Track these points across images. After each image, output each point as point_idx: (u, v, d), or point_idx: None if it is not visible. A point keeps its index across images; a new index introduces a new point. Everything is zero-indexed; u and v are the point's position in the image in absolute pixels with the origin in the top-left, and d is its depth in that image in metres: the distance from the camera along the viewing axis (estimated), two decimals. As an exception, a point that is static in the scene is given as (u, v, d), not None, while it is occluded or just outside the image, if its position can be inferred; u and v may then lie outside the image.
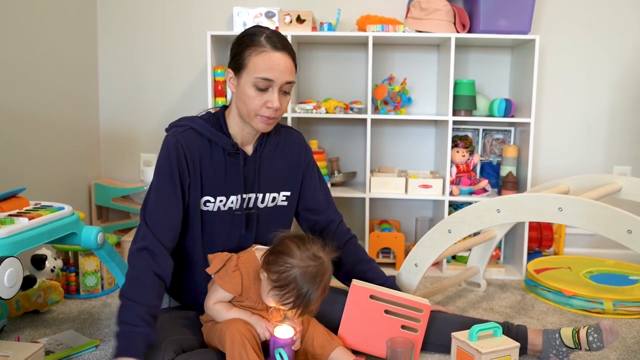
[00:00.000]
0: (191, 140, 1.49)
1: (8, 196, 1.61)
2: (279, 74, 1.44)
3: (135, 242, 1.45)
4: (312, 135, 2.75)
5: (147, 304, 1.36)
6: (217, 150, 1.52)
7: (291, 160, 1.65)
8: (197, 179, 1.50)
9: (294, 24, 2.44)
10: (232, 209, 1.55)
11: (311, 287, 1.35)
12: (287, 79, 1.46)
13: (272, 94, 1.45)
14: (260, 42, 1.44)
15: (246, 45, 1.45)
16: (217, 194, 1.53)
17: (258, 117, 1.47)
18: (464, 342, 1.45)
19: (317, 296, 1.37)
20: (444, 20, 2.41)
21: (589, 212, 1.52)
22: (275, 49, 1.44)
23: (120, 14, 2.74)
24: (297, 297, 1.35)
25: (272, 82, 1.44)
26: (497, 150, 2.70)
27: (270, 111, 1.46)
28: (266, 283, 1.40)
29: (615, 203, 1.65)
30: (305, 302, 1.36)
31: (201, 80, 2.75)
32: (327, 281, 1.40)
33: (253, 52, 1.44)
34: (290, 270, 1.35)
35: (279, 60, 1.44)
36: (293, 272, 1.35)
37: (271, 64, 1.43)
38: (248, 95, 1.45)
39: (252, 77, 1.43)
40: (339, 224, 1.74)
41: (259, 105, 1.45)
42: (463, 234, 1.73)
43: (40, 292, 1.89)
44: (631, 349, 1.71)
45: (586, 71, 2.68)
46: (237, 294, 1.44)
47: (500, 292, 2.25)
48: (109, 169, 2.85)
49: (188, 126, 1.51)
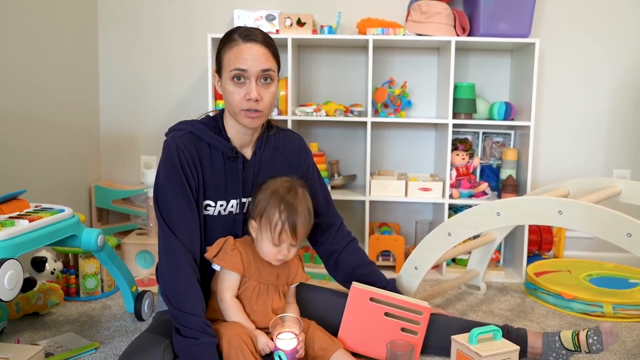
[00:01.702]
0: (191, 144, 1.49)
1: (8, 198, 1.61)
2: (251, 63, 1.42)
3: (165, 252, 1.43)
4: (312, 138, 2.75)
5: (203, 313, 1.39)
6: (217, 154, 1.52)
7: (291, 163, 1.64)
8: (199, 183, 1.50)
9: (294, 27, 2.45)
10: (233, 212, 1.55)
11: (288, 195, 1.45)
12: (262, 67, 1.43)
13: (249, 84, 1.44)
14: (232, 38, 1.45)
15: (222, 44, 1.48)
16: (217, 198, 1.53)
17: (242, 112, 1.46)
18: (464, 345, 1.45)
19: (301, 205, 1.46)
20: (444, 23, 2.42)
21: (588, 216, 1.52)
22: (245, 40, 1.44)
23: (121, 17, 2.75)
24: (280, 208, 1.43)
25: (246, 72, 1.43)
26: (497, 154, 2.71)
27: (250, 103, 1.44)
28: (257, 233, 1.48)
29: (615, 206, 1.65)
30: (290, 210, 1.43)
31: (202, 82, 2.75)
32: (303, 197, 1.49)
33: (227, 49, 1.45)
34: (264, 193, 1.47)
35: (249, 50, 1.43)
36: (266, 193, 1.47)
37: (242, 54, 1.43)
38: (229, 91, 1.45)
39: (228, 72, 1.44)
40: (340, 227, 1.74)
41: (240, 99, 1.44)
42: (463, 237, 1.74)
43: (40, 295, 1.89)
44: (631, 353, 1.71)
45: (586, 74, 2.68)
46: (240, 271, 1.46)
47: (500, 295, 2.25)
48: (109, 171, 2.85)
49: (187, 130, 1.51)
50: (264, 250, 1.47)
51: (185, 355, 1.34)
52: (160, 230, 1.45)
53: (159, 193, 1.47)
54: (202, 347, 1.33)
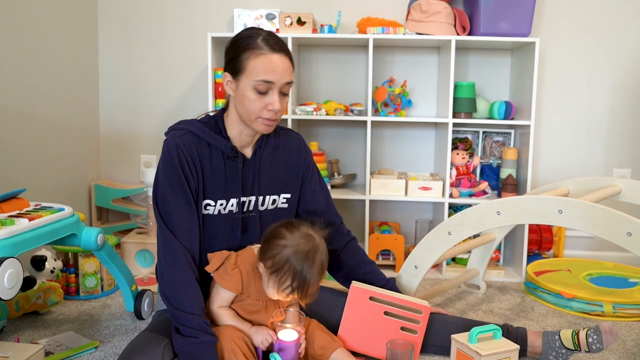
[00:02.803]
0: (190, 144, 1.48)
1: (8, 197, 1.61)
2: (279, 76, 1.43)
3: (164, 253, 1.43)
4: (312, 137, 2.75)
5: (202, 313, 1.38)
6: (217, 154, 1.52)
7: (291, 162, 1.64)
8: (199, 182, 1.50)
9: (294, 26, 2.44)
10: (233, 212, 1.55)
11: (305, 264, 1.36)
12: (287, 80, 1.46)
13: (272, 96, 1.45)
14: (257, 45, 1.43)
15: (243, 48, 1.45)
16: (217, 197, 1.52)
17: (259, 119, 1.47)
18: (464, 344, 1.45)
19: (314, 275, 1.37)
20: (445, 22, 2.41)
21: (588, 215, 1.52)
22: (273, 51, 1.43)
23: (120, 16, 2.74)
24: (294, 277, 1.35)
25: (273, 84, 1.44)
26: (497, 153, 2.71)
27: (271, 113, 1.46)
28: (265, 274, 1.41)
29: (615, 205, 1.65)
30: (303, 282, 1.36)
31: (201, 81, 2.75)
32: (321, 258, 1.40)
33: (251, 55, 1.43)
34: (282, 252, 1.37)
35: (278, 62, 1.43)
36: (285, 253, 1.36)
37: (271, 66, 1.42)
38: (248, 98, 1.45)
39: (251, 80, 1.43)
40: (339, 226, 1.74)
41: (260, 107, 1.45)
42: (463, 236, 1.74)
43: (40, 293, 1.89)
44: (630, 352, 1.71)
45: (586, 74, 2.68)
46: (238, 292, 1.45)
47: (499, 294, 2.25)
48: (109, 170, 2.85)
49: (187, 129, 1.51)
50: (268, 291, 1.43)
51: (185, 354, 1.33)
52: (159, 230, 1.46)
53: (158, 193, 1.47)
54: (202, 346, 1.33)
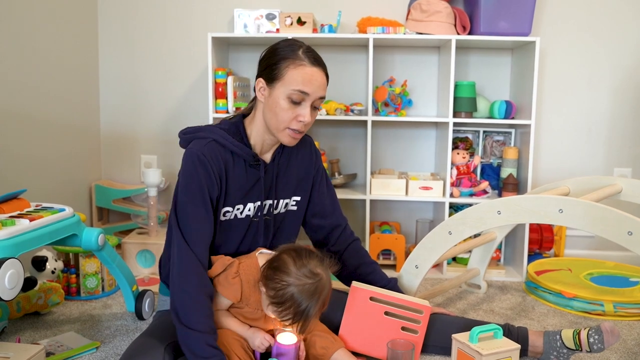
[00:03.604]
0: (215, 153, 1.47)
1: (9, 198, 1.61)
2: (315, 89, 1.44)
3: (179, 263, 1.40)
4: (313, 137, 2.72)
5: (210, 330, 1.35)
6: (239, 161, 1.51)
7: (303, 165, 1.65)
8: (222, 192, 1.49)
9: (294, 25, 2.44)
10: (250, 216, 1.55)
11: (309, 303, 1.34)
12: (321, 94, 1.47)
13: (304, 107, 1.45)
14: (298, 56, 1.44)
15: (283, 57, 1.45)
16: (236, 203, 1.52)
17: (287, 130, 1.47)
18: (465, 343, 1.45)
19: (316, 311, 1.36)
20: (445, 22, 2.41)
21: (589, 214, 1.52)
22: (313, 64, 1.45)
23: (121, 16, 2.74)
24: (296, 314, 1.34)
25: (307, 96, 1.44)
26: (498, 152, 2.71)
27: (300, 125, 1.46)
28: (265, 297, 1.40)
29: (616, 205, 1.65)
30: (304, 318, 1.35)
31: (202, 82, 2.75)
32: (325, 296, 1.38)
33: (291, 65, 1.43)
34: (286, 289, 1.34)
35: (316, 75, 1.45)
36: (290, 290, 1.34)
37: (309, 78, 1.43)
38: (281, 107, 1.45)
39: (288, 89, 1.43)
40: (344, 228, 1.74)
41: (290, 117, 1.45)
42: (463, 236, 1.74)
43: (41, 294, 1.89)
44: (632, 351, 1.71)
45: (587, 73, 2.68)
46: (237, 300, 1.44)
47: (500, 293, 2.25)
48: (109, 170, 2.85)
49: (211, 138, 1.49)
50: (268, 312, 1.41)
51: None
52: (175, 239, 1.43)
53: (178, 202, 1.45)
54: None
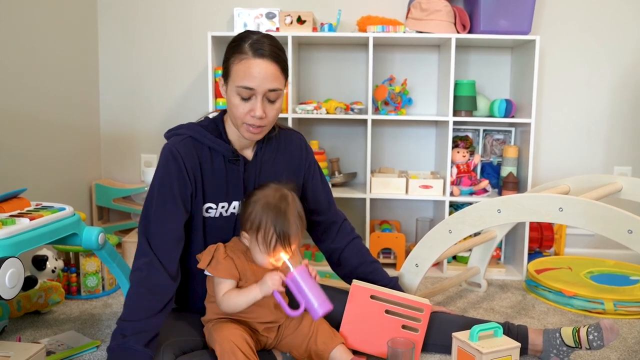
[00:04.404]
0: (190, 149, 1.47)
1: (9, 197, 1.61)
2: (259, 82, 1.40)
3: (135, 258, 1.44)
4: (312, 136, 2.75)
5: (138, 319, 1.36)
6: (218, 157, 1.51)
7: (292, 162, 1.64)
8: (198, 188, 1.49)
9: (294, 24, 2.44)
10: (235, 214, 1.55)
11: (279, 212, 1.40)
12: (270, 87, 1.41)
13: (254, 102, 1.41)
14: (242, 49, 1.41)
15: (231, 52, 1.44)
16: (219, 200, 1.52)
17: (244, 125, 1.45)
18: (465, 342, 1.46)
19: (292, 218, 1.41)
20: (445, 20, 2.41)
21: (589, 213, 1.52)
22: (255, 56, 1.39)
23: (120, 15, 2.74)
24: (274, 227, 1.38)
25: (253, 91, 1.40)
26: (498, 151, 2.71)
27: (254, 119, 1.43)
28: (250, 242, 1.44)
29: (616, 203, 1.65)
30: (284, 230, 1.39)
31: (202, 81, 2.75)
32: (294, 205, 1.44)
33: (235, 60, 1.41)
34: (255, 207, 1.42)
35: (258, 68, 1.39)
36: (257, 207, 1.42)
37: (250, 72, 1.39)
38: (233, 103, 1.43)
39: (234, 85, 1.42)
40: (342, 224, 1.74)
41: (243, 113, 1.43)
42: (464, 235, 1.74)
43: (41, 293, 1.89)
44: (632, 349, 1.71)
45: (587, 71, 2.68)
46: (235, 278, 1.44)
47: (500, 292, 2.25)
48: (109, 169, 2.85)
49: (187, 135, 1.49)
50: (259, 260, 1.45)
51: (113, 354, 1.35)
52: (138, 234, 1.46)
53: (148, 196, 1.48)
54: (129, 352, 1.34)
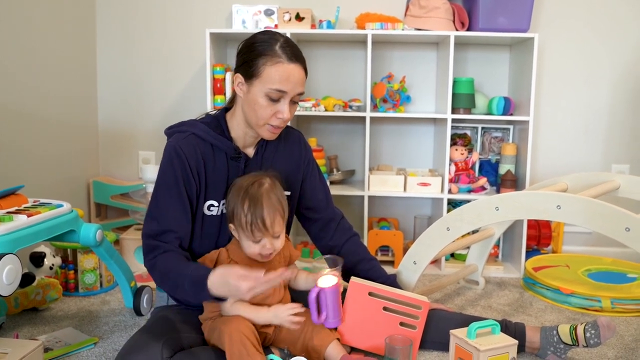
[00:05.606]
0: (194, 147, 1.48)
1: (7, 193, 1.61)
2: (293, 86, 1.44)
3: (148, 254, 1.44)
4: (310, 133, 2.75)
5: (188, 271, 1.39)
6: (220, 155, 1.52)
7: (291, 160, 1.65)
8: (201, 185, 1.50)
9: (293, 21, 2.44)
10: None
11: (250, 197, 1.40)
12: (299, 91, 1.47)
13: (283, 104, 1.45)
14: (275, 52, 1.43)
15: (259, 53, 1.43)
16: (220, 198, 1.53)
17: (266, 125, 1.48)
18: (463, 339, 1.46)
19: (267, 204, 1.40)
20: (443, 18, 2.41)
21: (587, 210, 1.52)
22: (290, 61, 1.43)
23: (118, 12, 2.73)
24: (249, 211, 1.39)
25: (285, 94, 1.44)
26: (496, 148, 2.71)
27: (279, 121, 1.47)
28: (237, 232, 1.46)
29: (614, 201, 1.65)
30: (256, 213, 1.39)
31: (200, 77, 2.74)
32: (270, 190, 1.44)
33: (268, 62, 1.42)
34: (231, 194, 1.45)
35: (294, 72, 1.44)
36: (232, 194, 1.44)
37: (287, 76, 1.42)
38: (259, 104, 1.45)
39: (265, 87, 1.43)
40: (340, 222, 1.74)
41: (269, 114, 1.45)
42: (462, 232, 1.74)
43: (39, 290, 1.89)
44: (629, 347, 1.72)
45: (585, 69, 2.68)
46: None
47: (498, 289, 2.25)
48: (107, 166, 2.85)
49: (190, 132, 1.50)
50: (248, 250, 1.46)
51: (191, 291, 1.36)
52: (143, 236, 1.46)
53: (152, 196, 1.49)
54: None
